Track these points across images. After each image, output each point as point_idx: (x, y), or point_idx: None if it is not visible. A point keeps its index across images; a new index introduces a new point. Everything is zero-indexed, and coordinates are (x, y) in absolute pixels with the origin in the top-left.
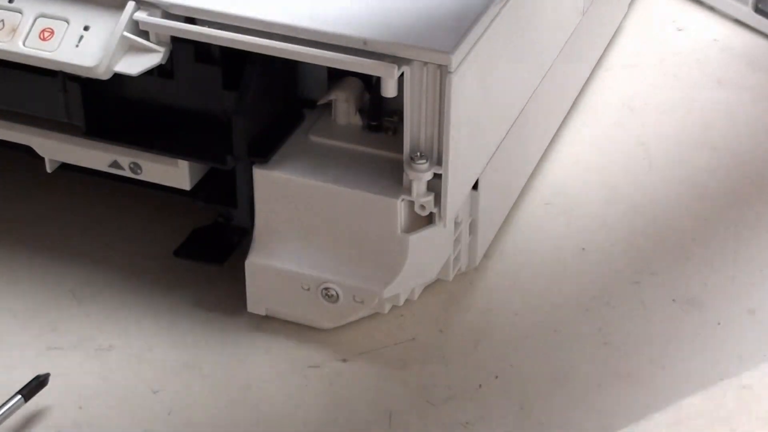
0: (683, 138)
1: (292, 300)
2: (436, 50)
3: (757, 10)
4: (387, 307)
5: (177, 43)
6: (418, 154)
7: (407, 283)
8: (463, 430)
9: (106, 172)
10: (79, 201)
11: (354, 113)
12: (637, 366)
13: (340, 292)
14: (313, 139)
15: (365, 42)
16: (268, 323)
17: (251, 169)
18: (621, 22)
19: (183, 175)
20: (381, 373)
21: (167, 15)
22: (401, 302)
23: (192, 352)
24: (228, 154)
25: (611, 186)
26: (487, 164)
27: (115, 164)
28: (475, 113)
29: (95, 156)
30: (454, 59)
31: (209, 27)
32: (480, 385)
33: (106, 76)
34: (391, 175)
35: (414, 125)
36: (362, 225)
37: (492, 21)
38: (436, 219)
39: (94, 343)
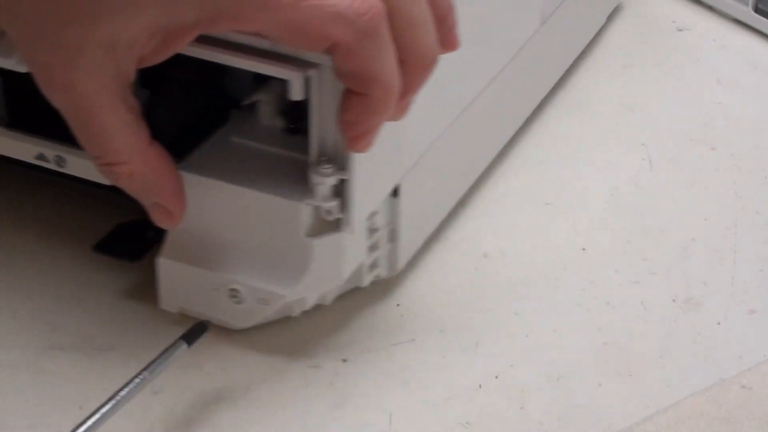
0: (683, 138)
1: (203, 299)
2: None
3: (757, 10)
4: (297, 311)
5: None
6: (325, 158)
7: (313, 287)
8: (463, 430)
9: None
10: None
11: (277, 115)
12: (637, 366)
13: (246, 294)
14: (233, 140)
15: (272, 44)
16: (266, 324)
17: None
18: (620, 22)
19: None
20: (381, 373)
21: None
22: (308, 306)
23: (192, 351)
24: None
25: (611, 186)
26: (408, 172)
27: (41, 156)
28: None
29: (21, 148)
30: None
31: None
32: (480, 385)
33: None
34: (303, 178)
35: (321, 129)
36: (268, 227)
37: None
38: (343, 225)
39: (94, 343)
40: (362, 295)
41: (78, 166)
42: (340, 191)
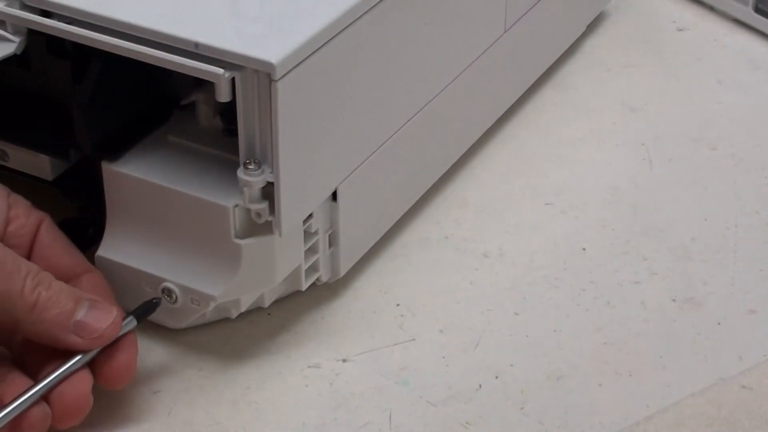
0: (683, 138)
1: (139, 297)
2: (259, 58)
3: (757, 10)
4: (234, 313)
5: (33, 35)
6: (253, 160)
7: (244, 289)
8: (463, 430)
9: None
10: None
11: (215, 116)
12: (637, 366)
13: (179, 294)
14: (171, 140)
15: (197, 45)
16: (267, 324)
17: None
18: (621, 22)
19: (44, 166)
20: (381, 373)
21: (24, 6)
22: (243, 308)
23: (192, 352)
24: (72, 147)
25: (611, 186)
26: (348, 176)
27: None
28: (316, 124)
29: None
30: (279, 68)
31: (61, 21)
32: (480, 385)
33: None
34: (235, 180)
35: (248, 131)
36: (200, 229)
37: (340, 32)
38: (273, 228)
39: None
40: (364, 295)
41: (20, 160)
42: (269, 194)
